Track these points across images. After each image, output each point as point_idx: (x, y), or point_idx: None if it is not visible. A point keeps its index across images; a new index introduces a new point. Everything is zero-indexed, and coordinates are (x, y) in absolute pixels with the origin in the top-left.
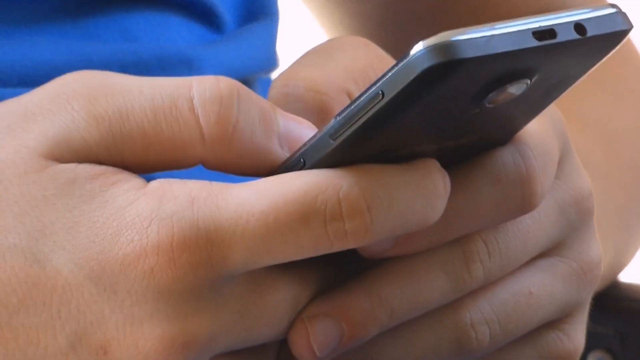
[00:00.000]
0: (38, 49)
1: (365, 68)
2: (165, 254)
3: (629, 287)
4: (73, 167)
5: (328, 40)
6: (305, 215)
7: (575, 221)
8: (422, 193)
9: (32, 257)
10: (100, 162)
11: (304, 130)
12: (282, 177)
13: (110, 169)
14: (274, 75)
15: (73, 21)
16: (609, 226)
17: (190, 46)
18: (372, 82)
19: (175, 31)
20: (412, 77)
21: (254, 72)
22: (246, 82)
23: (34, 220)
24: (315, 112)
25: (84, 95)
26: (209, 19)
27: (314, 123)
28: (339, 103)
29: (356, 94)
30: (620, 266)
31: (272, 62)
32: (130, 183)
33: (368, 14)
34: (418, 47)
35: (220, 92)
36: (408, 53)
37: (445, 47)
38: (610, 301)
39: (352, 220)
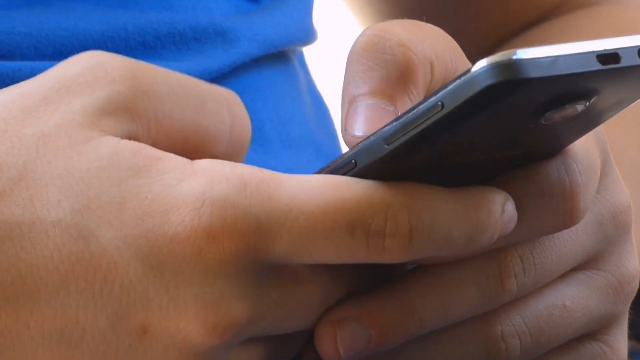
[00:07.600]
0: (73, 17)
1: (445, 50)
2: (215, 236)
3: None
4: (116, 141)
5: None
6: (352, 225)
7: (613, 235)
8: (464, 225)
9: (76, 232)
10: (137, 139)
11: None
12: (334, 181)
13: (149, 146)
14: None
15: None
16: None
17: (225, 17)
18: (435, 89)
19: None
20: (473, 92)
21: (289, 44)
22: (282, 54)
23: (79, 194)
24: (401, 67)
25: (124, 68)
26: None
27: (396, 78)
28: (424, 68)
29: (436, 68)
30: None
31: (309, 34)
32: (175, 160)
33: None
34: (482, 64)
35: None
36: (470, 69)
37: (509, 66)
38: None
39: (393, 239)
